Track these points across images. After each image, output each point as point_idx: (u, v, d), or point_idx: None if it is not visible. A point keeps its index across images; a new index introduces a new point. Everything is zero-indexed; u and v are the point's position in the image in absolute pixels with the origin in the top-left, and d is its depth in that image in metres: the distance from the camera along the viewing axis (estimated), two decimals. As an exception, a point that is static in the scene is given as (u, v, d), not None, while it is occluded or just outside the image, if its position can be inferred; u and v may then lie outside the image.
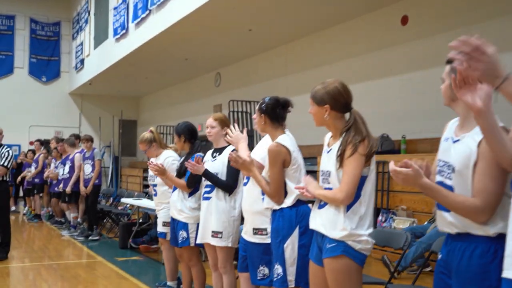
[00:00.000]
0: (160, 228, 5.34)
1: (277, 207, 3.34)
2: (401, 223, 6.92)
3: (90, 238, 9.38)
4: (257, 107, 3.52)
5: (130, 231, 8.43)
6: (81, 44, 18.41)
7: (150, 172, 5.32)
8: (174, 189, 4.76)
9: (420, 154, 7.35)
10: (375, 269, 6.26)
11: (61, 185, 10.20)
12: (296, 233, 3.23)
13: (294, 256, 3.22)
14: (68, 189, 9.71)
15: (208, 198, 4.27)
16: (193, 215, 4.58)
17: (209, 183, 4.26)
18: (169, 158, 5.28)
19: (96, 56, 16.77)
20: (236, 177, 4.19)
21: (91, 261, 7.54)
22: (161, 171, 4.69)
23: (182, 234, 4.61)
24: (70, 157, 10.04)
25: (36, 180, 12.27)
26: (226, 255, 4.22)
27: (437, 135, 2.56)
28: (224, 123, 4.33)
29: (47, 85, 20.21)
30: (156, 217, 5.79)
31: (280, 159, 3.28)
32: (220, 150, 4.33)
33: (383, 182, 7.56)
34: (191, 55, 13.48)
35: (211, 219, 4.22)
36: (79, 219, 10.08)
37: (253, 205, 3.64)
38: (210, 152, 4.46)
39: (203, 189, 4.36)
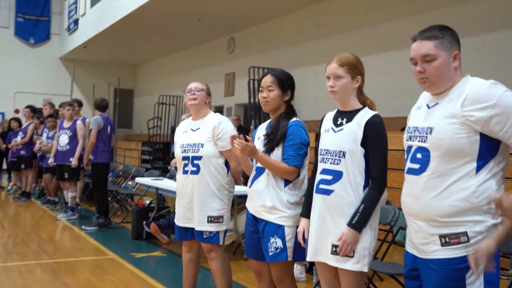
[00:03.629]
0: (204, 227, 3.59)
1: None
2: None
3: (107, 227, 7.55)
4: None
5: (146, 218, 6.78)
6: (75, 2, 16.52)
7: (189, 140, 3.64)
8: (258, 174, 3.08)
9: None
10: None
11: (51, 160, 8.56)
12: None
13: None
14: (74, 163, 7.96)
15: (327, 192, 2.61)
16: (292, 213, 2.94)
17: (330, 167, 2.64)
18: (226, 124, 3.61)
19: (92, 16, 14.98)
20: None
21: (102, 259, 5.81)
22: (251, 149, 2.95)
23: (275, 242, 2.93)
24: (68, 126, 8.31)
25: (22, 152, 10.56)
26: (357, 282, 2.60)
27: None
28: (356, 70, 2.69)
29: (35, 48, 18.41)
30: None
31: None
32: (348, 115, 2.68)
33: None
34: (204, 16, 11.76)
35: (331, 225, 2.62)
36: (77, 199, 8.40)
37: (439, 200, 2.08)
38: (330, 116, 2.79)
39: (318, 176, 2.74)
